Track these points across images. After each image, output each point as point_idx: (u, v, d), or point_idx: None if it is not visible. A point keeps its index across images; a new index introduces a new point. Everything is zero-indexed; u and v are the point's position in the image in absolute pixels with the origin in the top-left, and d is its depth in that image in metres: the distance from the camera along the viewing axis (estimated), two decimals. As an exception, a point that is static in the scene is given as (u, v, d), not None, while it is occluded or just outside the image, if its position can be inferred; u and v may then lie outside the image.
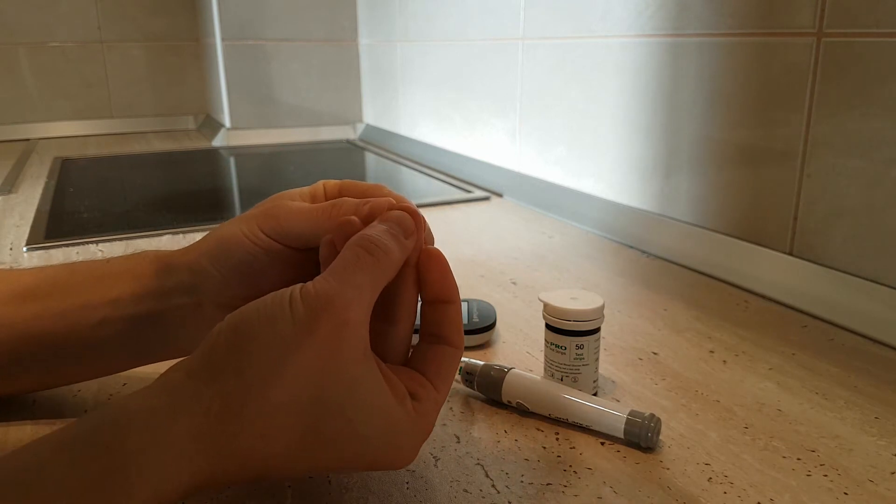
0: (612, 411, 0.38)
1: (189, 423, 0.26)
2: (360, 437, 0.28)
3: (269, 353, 0.27)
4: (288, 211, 0.37)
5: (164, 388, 0.27)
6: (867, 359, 0.48)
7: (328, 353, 0.27)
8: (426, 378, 0.32)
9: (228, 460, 0.27)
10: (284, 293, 0.28)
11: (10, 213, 0.89)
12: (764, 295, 0.59)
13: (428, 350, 0.33)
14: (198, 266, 0.37)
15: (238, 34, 1.43)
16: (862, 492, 0.34)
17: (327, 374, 0.27)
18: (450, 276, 0.34)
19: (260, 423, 0.27)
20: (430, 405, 0.31)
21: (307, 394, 0.27)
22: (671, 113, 0.70)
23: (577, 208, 0.84)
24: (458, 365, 0.34)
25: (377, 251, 0.30)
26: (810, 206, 0.58)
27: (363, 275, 0.29)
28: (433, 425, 0.32)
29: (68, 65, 1.62)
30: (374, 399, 0.28)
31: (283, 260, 0.37)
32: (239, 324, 0.28)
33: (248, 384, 0.27)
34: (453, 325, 0.33)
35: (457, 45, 1.10)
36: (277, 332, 0.27)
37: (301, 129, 1.52)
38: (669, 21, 0.68)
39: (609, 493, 0.34)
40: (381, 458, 0.30)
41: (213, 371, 0.27)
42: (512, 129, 0.98)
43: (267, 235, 0.37)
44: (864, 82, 0.52)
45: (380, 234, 0.31)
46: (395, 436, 0.29)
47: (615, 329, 0.53)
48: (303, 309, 0.27)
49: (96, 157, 1.35)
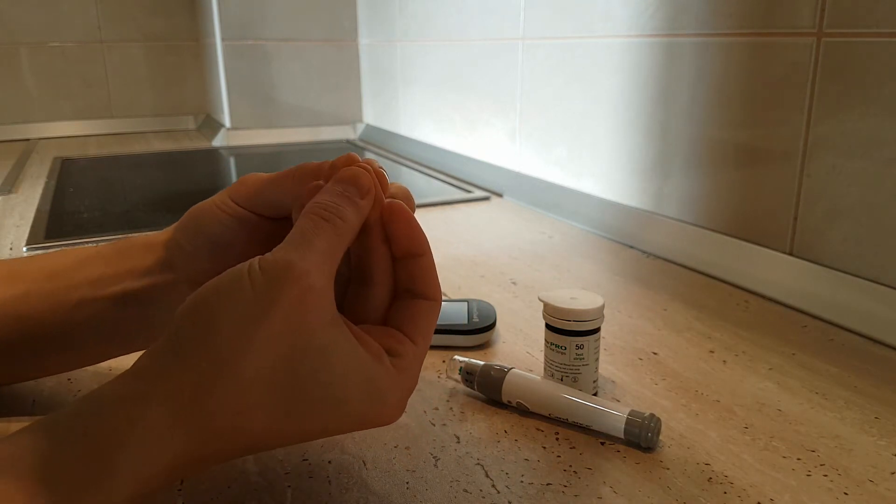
0: (612, 411, 0.38)
1: (163, 406, 0.26)
2: (340, 401, 0.28)
3: (234, 327, 0.27)
4: (256, 179, 0.37)
5: (134, 375, 0.27)
6: (867, 359, 0.48)
7: (294, 321, 0.27)
8: (403, 333, 0.32)
9: (211, 439, 0.27)
10: (243, 266, 0.28)
11: (10, 213, 0.89)
12: (764, 295, 0.59)
13: (403, 306, 0.33)
14: (172, 242, 0.37)
15: (238, 34, 1.43)
16: (862, 492, 0.34)
17: (296, 343, 0.27)
18: (416, 229, 0.33)
19: (235, 400, 0.26)
20: (409, 360, 0.31)
21: (279, 364, 0.27)
22: (671, 113, 0.70)
23: (577, 208, 0.84)
24: (436, 317, 0.33)
25: (332, 217, 0.30)
26: (810, 206, 0.58)
27: (320, 241, 0.29)
28: (416, 379, 0.32)
29: (68, 65, 1.62)
30: (349, 361, 0.28)
31: (253, 228, 0.37)
32: (200, 301, 0.28)
33: (216, 360, 0.26)
34: (426, 277, 0.33)
35: (457, 45, 1.10)
36: (239, 305, 0.27)
37: (301, 129, 1.52)
38: (669, 21, 0.68)
39: (609, 493, 0.34)
40: (367, 418, 0.30)
41: (179, 352, 0.27)
42: (512, 129, 0.98)
43: (237, 204, 0.36)
44: (864, 82, 0.52)
45: (333, 199, 0.31)
46: (377, 394, 0.29)
47: (615, 329, 0.53)
48: (262, 279, 0.27)
49: (96, 157, 1.35)
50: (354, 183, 0.32)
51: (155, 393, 0.26)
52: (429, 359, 0.48)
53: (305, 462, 0.36)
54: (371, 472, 0.35)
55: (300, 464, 0.36)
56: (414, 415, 0.41)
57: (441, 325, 0.49)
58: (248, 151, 1.41)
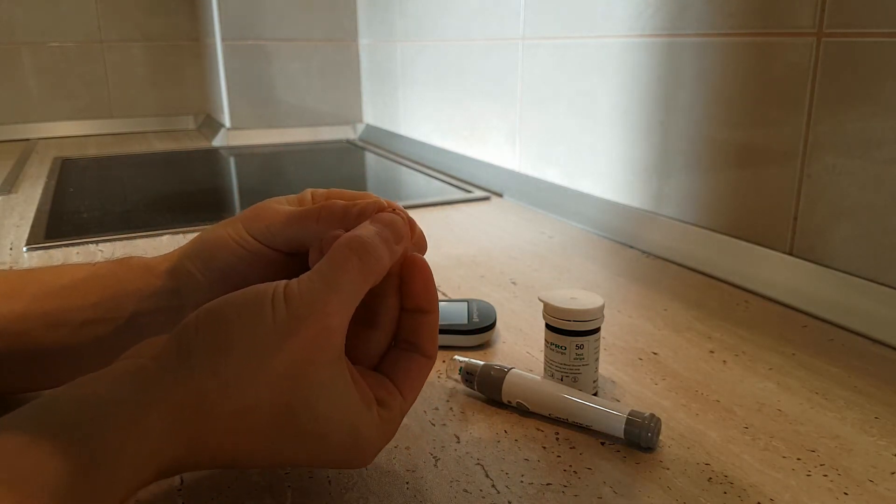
0: (612, 411, 0.38)
1: (161, 417, 0.26)
2: (324, 438, 0.29)
3: (247, 355, 0.27)
4: (275, 213, 0.36)
5: (134, 378, 0.27)
6: (867, 359, 0.48)
7: (306, 357, 0.27)
8: (395, 385, 0.32)
9: (197, 452, 0.27)
10: (267, 290, 0.28)
11: (10, 213, 0.89)
12: (764, 295, 0.59)
13: (400, 357, 0.33)
14: (181, 270, 0.37)
15: (238, 34, 1.43)
16: (862, 492, 0.34)
17: (302, 377, 0.27)
18: (432, 287, 0.33)
19: (230, 421, 0.27)
20: (395, 412, 0.31)
21: (281, 395, 0.27)
22: (671, 113, 0.70)
23: (577, 208, 0.84)
24: (428, 375, 0.34)
25: (366, 255, 0.30)
26: (810, 206, 0.58)
27: (349, 278, 0.29)
28: (395, 432, 0.32)
29: (68, 65, 1.62)
30: (343, 403, 0.29)
31: (268, 263, 0.36)
32: (216, 317, 0.28)
33: (223, 385, 0.27)
34: (429, 335, 0.33)
35: (457, 45, 1.10)
36: (258, 332, 0.27)
37: (301, 129, 1.52)
38: (669, 21, 0.68)
39: (609, 493, 0.34)
40: (342, 458, 0.30)
41: (187, 367, 0.27)
42: (512, 129, 0.98)
43: (254, 238, 0.36)
44: (864, 82, 0.52)
45: (371, 237, 0.30)
46: (359, 439, 0.30)
47: (615, 329, 0.53)
48: (285, 311, 0.27)
49: (96, 157, 1.35)
50: (392, 227, 0.32)
51: (156, 402, 0.26)
52: (429, 359, 0.48)
53: (305, 462, 0.36)
54: (371, 472, 0.35)
55: (300, 464, 0.36)
56: (414, 415, 0.41)
57: (441, 325, 0.49)
58: (248, 151, 1.41)
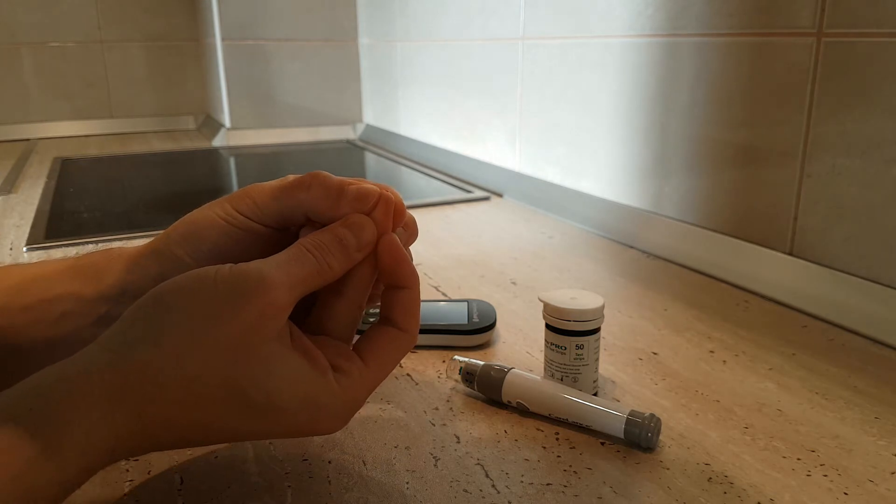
0: (612, 411, 0.38)
1: (104, 386, 0.27)
2: (278, 408, 0.29)
3: (188, 324, 0.28)
4: (262, 188, 0.36)
5: (81, 357, 0.28)
6: (867, 359, 0.48)
7: (245, 332, 0.28)
8: (358, 354, 0.32)
9: (150, 423, 0.28)
10: (210, 269, 0.29)
11: (10, 213, 0.89)
12: (764, 295, 0.59)
13: (373, 329, 0.34)
14: (167, 255, 0.36)
15: (238, 34, 1.43)
16: (862, 492, 0.34)
17: (241, 351, 0.28)
18: (404, 265, 0.33)
19: (176, 391, 0.28)
20: (355, 378, 0.32)
21: (222, 367, 0.28)
22: (671, 113, 0.70)
23: (577, 208, 0.84)
24: (404, 349, 0.34)
25: (321, 261, 0.31)
26: (810, 206, 0.58)
27: (300, 270, 0.30)
28: (362, 399, 0.32)
29: (68, 65, 1.62)
30: (290, 373, 0.29)
31: (258, 239, 0.36)
32: (159, 297, 0.29)
33: (163, 353, 0.27)
34: (404, 309, 0.34)
35: (457, 45, 1.10)
36: (198, 305, 0.28)
37: (301, 129, 1.52)
38: (669, 21, 0.68)
39: (609, 493, 0.34)
40: (304, 426, 0.31)
41: (130, 342, 0.28)
42: (512, 128, 0.98)
43: (242, 214, 0.36)
44: (864, 82, 0.52)
45: (330, 244, 0.31)
46: (316, 406, 0.30)
47: (615, 329, 0.53)
48: (229, 284, 0.28)
49: (96, 157, 1.35)
50: (357, 234, 0.32)
51: (97, 373, 0.27)
52: (429, 359, 0.48)
53: (305, 462, 0.36)
54: (371, 472, 0.35)
55: (300, 464, 0.36)
56: (414, 415, 0.41)
57: (441, 325, 0.49)
58: (248, 151, 1.41)
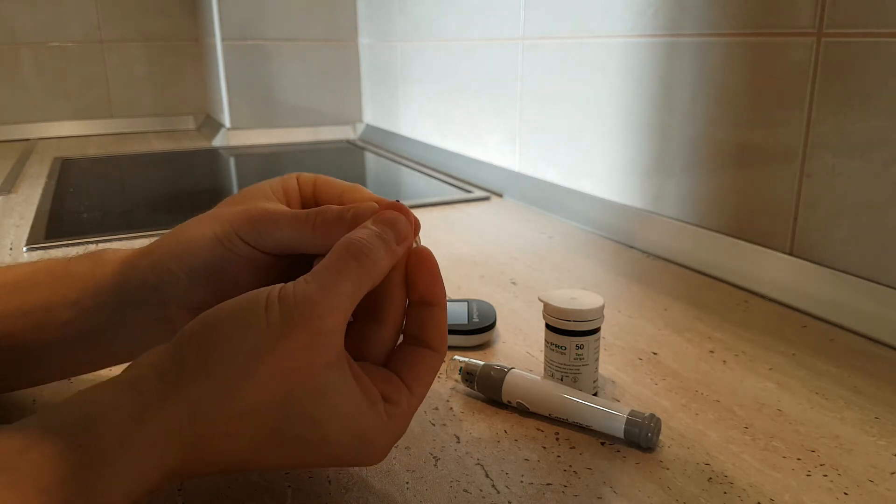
0: (612, 411, 0.38)
1: (157, 424, 0.26)
2: (327, 440, 0.28)
3: (240, 358, 0.27)
4: (266, 216, 0.35)
5: (133, 387, 0.27)
6: (867, 359, 0.48)
7: (299, 360, 0.27)
8: (402, 381, 0.31)
9: (195, 458, 0.27)
10: (261, 294, 0.28)
11: (10, 213, 0.89)
12: (764, 295, 0.59)
13: (408, 352, 0.33)
14: (161, 267, 0.35)
15: (238, 34, 1.43)
16: (862, 492, 0.34)
17: (296, 380, 0.27)
18: (438, 279, 0.33)
19: (227, 425, 0.27)
20: (403, 408, 0.31)
21: (275, 398, 0.27)
22: (671, 113, 0.70)
23: (577, 208, 0.84)
24: (438, 369, 0.33)
25: (364, 258, 0.29)
26: (810, 206, 0.58)
27: (346, 281, 0.28)
28: (406, 427, 0.32)
29: (68, 65, 1.62)
30: (344, 404, 0.28)
31: (255, 264, 0.35)
32: (211, 326, 0.28)
33: (217, 388, 0.26)
34: (437, 328, 0.33)
35: (457, 45, 1.10)
36: (250, 336, 0.27)
37: (301, 129, 1.52)
38: (670, 21, 0.68)
39: (609, 493, 0.34)
40: (349, 458, 0.30)
41: (182, 373, 0.27)
42: (512, 128, 0.98)
43: (244, 242, 0.35)
44: (864, 82, 0.52)
45: (369, 239, 0.30)
46: (364, 438, 0.29)
47: (615, 329, 0.53)
48: (279, 313, 0.27)
49: (96, 157, 1.35)
50: (393, 227, 0.31)
51: (151, 408, 0.26)
52: (429, 359, 0.48)
53: (305, 462, 0.36)
54: (371, 472, 0.35)
55: (300, 464, 0.36)
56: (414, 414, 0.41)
57: (441, 325, 0.49)
58: (248, 151, 1.41)
